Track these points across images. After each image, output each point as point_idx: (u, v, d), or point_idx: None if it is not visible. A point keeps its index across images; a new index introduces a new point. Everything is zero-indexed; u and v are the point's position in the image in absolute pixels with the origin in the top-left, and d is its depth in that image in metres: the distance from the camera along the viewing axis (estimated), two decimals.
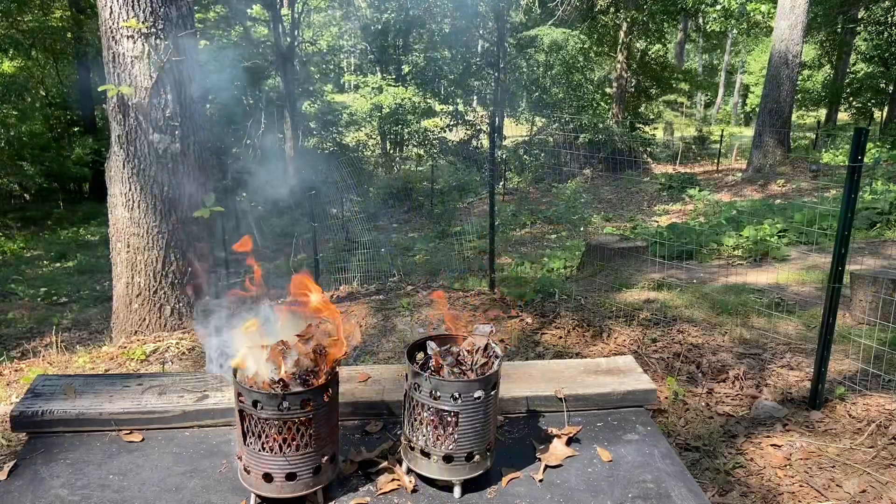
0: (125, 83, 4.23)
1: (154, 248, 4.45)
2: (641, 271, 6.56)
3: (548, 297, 5.47)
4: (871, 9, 21.78)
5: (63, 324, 6.31)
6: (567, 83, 24.44)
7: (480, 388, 1.90)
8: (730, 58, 40.69)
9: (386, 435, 2.28)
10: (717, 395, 3.67)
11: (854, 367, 3.93)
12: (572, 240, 10.67)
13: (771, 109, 15.02)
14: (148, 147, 4.33)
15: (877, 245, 7.84)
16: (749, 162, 16.19)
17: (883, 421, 3.24)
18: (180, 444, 2.19)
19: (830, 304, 3.29)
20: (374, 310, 5.25)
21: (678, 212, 13.30)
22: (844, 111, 28.72)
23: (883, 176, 12.50)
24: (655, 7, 22.33)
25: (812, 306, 5.29)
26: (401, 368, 2.60)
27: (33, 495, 1.90)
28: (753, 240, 7.93)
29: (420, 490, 1.98)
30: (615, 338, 4.49)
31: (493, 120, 5.63)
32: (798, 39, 14.46)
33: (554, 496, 1.95)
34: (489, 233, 5.75)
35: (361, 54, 28.21)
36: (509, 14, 24.37)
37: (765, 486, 2.80)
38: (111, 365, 4.09)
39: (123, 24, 4.13)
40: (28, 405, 2.26)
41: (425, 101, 24.30)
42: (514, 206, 15.17)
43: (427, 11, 23.95)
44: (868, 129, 3.32)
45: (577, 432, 2.30)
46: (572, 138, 19.69)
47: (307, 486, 1.86)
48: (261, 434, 1.82)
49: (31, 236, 14.94)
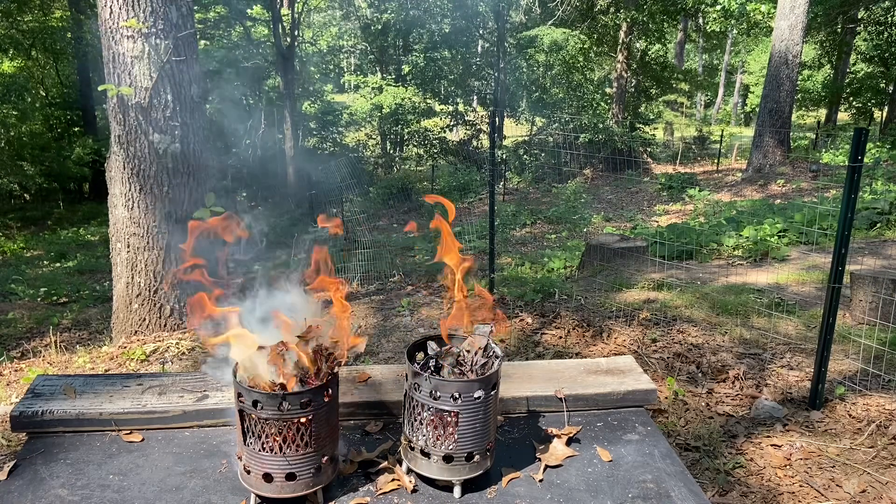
0: (125, 83, 4.23)
1: (154, 248, 4.45)
2: (641, 271, 6.56)
3: (548, 297, 5.47)
4: (871, 9, 21.77)
5: (63, 324, 6.31)
6: (567, 83, 24.45)
7: (480, 388, 1.90)
8: (730, 58, 40.69)
9: (386, 435, 2.28)
10: (717, 395, 3.67)
11: (854, 367, 3.93)
12: (572, 240, 10.67)
13: (771, 109, 15.02)
14: (148, 147, 4.33)
15: (877, 245, 7.84)
16: (749, 162, 16.19)
17: (883, 421, 3.25)
18: (180, 444, 2.19)
19: (830, 304, 3.29)
20: (374, 310, 5.25)
21: (678, 212, 13.30)
22: (844, 111, 28.72)
23: (883, 176, 12.51)
24: (655, 7, 22.32)
25: (812, 306, 5.29)
26: (401, 368, 2.60)
27: (33, 495, 1.90)
28: (753, 240, 7.93)
29: (420, 490, 1.98)
30: (615, 338, 4.49)
31: (493, 120, 5.63)
32: (798, 39, 14.46)
33: (554, 496, 1.95)
34: (489, 233, 5.75)
35: (361, 54, 28.23)
36: (509, 14, 24.39)
37: (765, 486, 2.80)
38: (111, 365, 4.09)
39: (123, 24, 4.13)
40: (28, 405, 2.26)
41: (425, 101, 24.32)
42: (514, 206, 15.17)
43: (427, 11, 23.95)
44: (868, 129, 3.31)
45: (577, 432, 2.30)
46: (572, 138, 19.69)
47: (307, 486, 1.86)
48: (261, 434, 1.82)
49: (31, 236, 14.95)
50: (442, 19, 24.25)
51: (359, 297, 5.77)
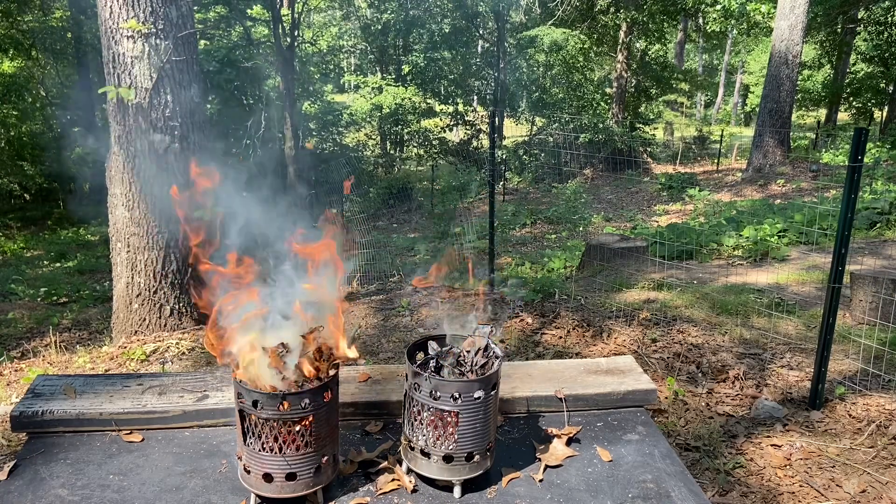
0: (125, 84, 4.23)
1: (154, 248, 4.45)
2: (641, 271, 6.56)
3: (548, 297, 5.47)
4: (871, 9, 21.76)
5: (63, 324, 6.30)
6: (567, 83, 24.46)
7: (480, 388, 1.90)
8: (730, 58, 40.69)
9: (386, 435, 2.28)
10: (717, 395, 3.67)
11: (854, 367, 3.93)
12: (572, 240, 10.67)
13: (771, 109, 15.02)
14: (148, 147, 4.32)
15: (877, 245, 7.84)
16: (749, 162, 16.19)
17: (883, 421, 3.25)
18: (180, 444, 2.19)
19: (830, 304, 3.29)
20: (374, 310, 5.25)
21: (678, 212, 13.30)
22: (844, 111, 28.70)
23: (883, 176, 12.50)
24: (655, 7, 22.31)
25: (812, 306, 5.29)
26: (401, 368, 2.60)
27: (33, 495, 1.90)
28: (753, 240, 7.93)
29: (420, 490, 1.98)
30: (615, 338, 4.49)
31: (493, 120, 5.61)
32: (798, 39, 14.46)
33: (554, 496, 1.95)
34: (489, 233, 5.75)
35: (361, 54, 28.23)
36: (509, 14, 24.39)
37: (765, 486, 2.80)
38: (111, 365, 4.09)
39: (123, 25, 4.13)
40: (28, 405, 2.26)
41: (425, 101, 24.31)
42: (514, 206, 15.17)
43: (427, 11, 23.96)
44: (868, 129, 3.31)
45: (577, 432, 2.30)
46: (572, 138, 19.68)
47: (307, 486, 1.86)
48: (261, 434, 1.82)
49: (31, 236, 14.95)
50: (442, 19, 24.24)
51: (359, 297, 5.77)
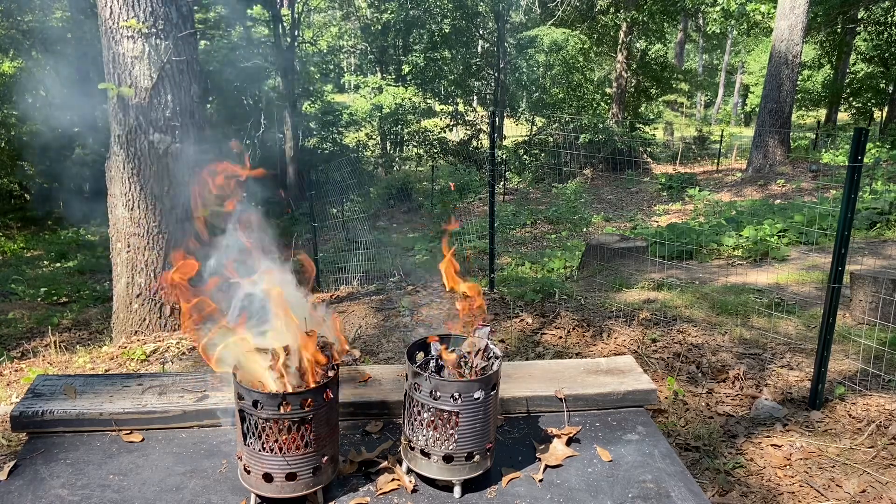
0: (125, 83, 4.23)
1: (154, 248, 4.45)
2: (641, 271, 6.56)
3: (548, 297, 5.47)
4: (871, 9, 21.76)
5: (63, 324, 6.31)
6: (567, 83, 24.48)
7: (480, 388, 1.90)
8: (730, 58, 40.69)
9: (386, 435, 2.28)
10: (717, 395, 3.67)
11: (854, 367, 3.93)
12: (572, 240, 10.68)
13: (771, 109, 15.02)
14: (148, 147, 4.33)
15: (877, 245, 7.84)
16: (749, 162, 16.19)
17: (883, 421, 3.25)
18: (180, 444, 2.19)
19: (830, 304, 3.29)
20: (374, 310, 5.24)
21: (678, 212, 13.30)
22: (844, 111, 28.71)
23: (883, 176, 12.51)
24: (655, 7, 22.33)
25: (812, 306, 5.29)
26: (401, 368, 2.60)
27: (33, 495, 1.90)
28: (753, 240, 7.93)
29: (420, 490, 1.98)
30: (615, 338, 4.49)
31: (493, 120, 5.60)
32: (798, 39, 14.46)
33: (554, 496, 1.95)
34: (489, 233, 5.75)
35: (361, 54, 28.23)
36: (509, 14, 24.40)
37: (765, 486, 2.80)
38: (111, 365, 4.09)
39: (123, 24, 4.13)
40: (28, 405, 2.26)
41: (425, 101, 24.33)
42: (514, 206, 15.17)
43: (427, 11, 23.96)
44: (868, 129, 3.31)
45: (576, 432, 2.30)
46: (572, 138, 19.68)
47: (307, 486, 1.86)
48: (261, 434, 1.82)
49: (31, 236, 14.96)
50: (442, 19, 24.26)
51: (359, 297, 5.76)
